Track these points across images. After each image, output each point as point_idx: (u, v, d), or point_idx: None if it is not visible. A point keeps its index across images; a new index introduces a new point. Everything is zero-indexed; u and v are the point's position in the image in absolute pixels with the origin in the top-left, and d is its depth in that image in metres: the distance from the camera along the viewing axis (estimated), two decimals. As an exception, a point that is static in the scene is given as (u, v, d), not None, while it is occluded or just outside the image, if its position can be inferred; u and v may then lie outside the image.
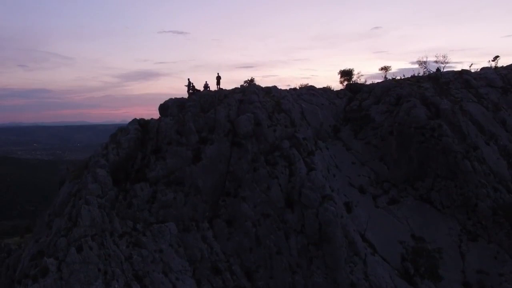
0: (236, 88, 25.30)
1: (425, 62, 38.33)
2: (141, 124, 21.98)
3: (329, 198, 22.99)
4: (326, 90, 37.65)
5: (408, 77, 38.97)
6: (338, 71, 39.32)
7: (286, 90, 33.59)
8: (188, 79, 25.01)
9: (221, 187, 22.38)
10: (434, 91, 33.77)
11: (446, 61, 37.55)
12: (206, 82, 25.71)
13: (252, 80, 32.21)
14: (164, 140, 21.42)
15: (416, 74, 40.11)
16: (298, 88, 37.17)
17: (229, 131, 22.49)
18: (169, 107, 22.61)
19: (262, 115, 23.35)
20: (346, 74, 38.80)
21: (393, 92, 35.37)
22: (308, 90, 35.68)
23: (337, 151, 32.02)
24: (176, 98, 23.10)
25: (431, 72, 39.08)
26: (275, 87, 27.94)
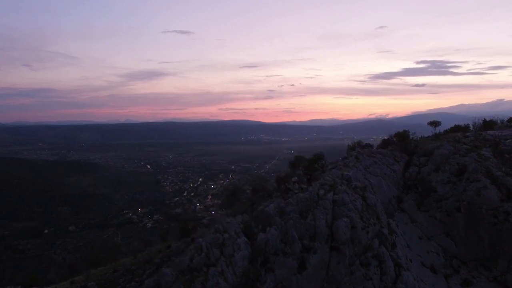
0: (324, 183, 26.17)
1: (479, 129, 39.27)
2: (246, 234, 22.88)
3: (421, 299, 23.97)
4: (384, 154, 38.56)
5: (463, 138, 39.81)
6: (394, 134, 40.12)
7: (354, 162, 34.49)
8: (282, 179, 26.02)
9: (320, 290, 23.29)
10: (497, 162, 34.60)
11: (505, 124, 38.36)
12: (296, 178, 26.63)
13: (321, 156, 32.99)
14: (271, 251, 22.33)
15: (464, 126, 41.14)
16: (359, 149, 37.93)
17: (328, 237, 23.40)
18: (271, 215, 23.53)
19: (355, 217, 24.26)
20: (401, 136, 39.69)
21: (453, 160, 36.33)
22: (370, 157, 36.57)
23: (404, 226, 33.00)
24: (275, 204, 24.03)
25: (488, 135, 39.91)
26: (349, 174, 28.86)
